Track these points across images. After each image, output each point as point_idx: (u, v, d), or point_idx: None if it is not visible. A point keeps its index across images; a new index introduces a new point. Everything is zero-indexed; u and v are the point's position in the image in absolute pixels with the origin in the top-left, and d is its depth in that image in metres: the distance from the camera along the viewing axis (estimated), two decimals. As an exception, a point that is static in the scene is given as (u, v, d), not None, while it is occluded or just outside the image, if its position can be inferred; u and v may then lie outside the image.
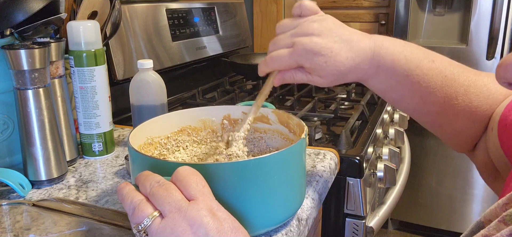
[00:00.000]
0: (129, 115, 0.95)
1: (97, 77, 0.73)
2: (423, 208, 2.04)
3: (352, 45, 0.50)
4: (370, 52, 0.51)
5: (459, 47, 1.73)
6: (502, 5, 1.61)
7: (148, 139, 0.59)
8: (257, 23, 2.05)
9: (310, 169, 0.70)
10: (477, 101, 0.49)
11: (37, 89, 0.62)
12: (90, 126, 0.75)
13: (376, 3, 1.96)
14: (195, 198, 0.39)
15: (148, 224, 0.38)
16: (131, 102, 0.75)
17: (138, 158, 0.48)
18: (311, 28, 0.51)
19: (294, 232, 0.53)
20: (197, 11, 1.37)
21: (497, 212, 0.33)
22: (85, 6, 0.76)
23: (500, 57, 1.68)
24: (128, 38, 1.07)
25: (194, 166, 0.42)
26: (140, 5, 1.13)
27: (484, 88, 0.50)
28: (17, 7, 0.61)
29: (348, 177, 0.80)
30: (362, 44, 0.51)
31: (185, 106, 1.15)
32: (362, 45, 0.51)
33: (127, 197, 0.41)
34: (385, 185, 0.95)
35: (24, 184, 0.62)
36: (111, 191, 0.64)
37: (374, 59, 0.51)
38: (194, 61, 1.33)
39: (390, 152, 1.01)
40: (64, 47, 0.71)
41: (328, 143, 0.89)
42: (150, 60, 0.74)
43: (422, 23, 1.87)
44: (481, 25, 1.67)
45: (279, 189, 0.48)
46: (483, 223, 0.34)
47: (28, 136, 0.63)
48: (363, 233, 0.84)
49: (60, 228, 0.56)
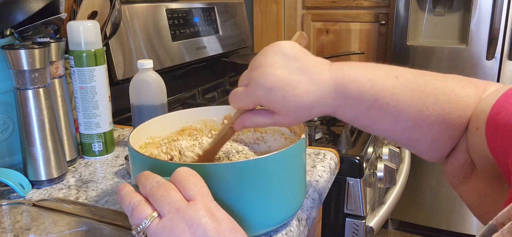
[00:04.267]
0: (129, 115, 0.95)
1: (97, 77, 0.73)
2: (423, 208, 2.04)
3: (311, 76, 0.47)
4: (333, 84, 0.47)
5: (459, 47, 1.73)
6: (502, 5, 1.61)
7: (148, 139, 0.59)
8: (257, 23, 2.05)
9: (310, 169, 0.70)
10: (449, 108, 0.47)
11: (37, 89, 0.62)
12: (90, 126, 0.75)
13: (376, 3, 1.96)
14: (194, 199, 0.39)
15: (147, 225, 0.38)
16: (131, 102, 0.75)
17: (138, 158, 0.48)
18: (265, 60, 0.47)
19: (294, 232, 0.53)
20: (197, 11, 1.37)
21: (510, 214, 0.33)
22: (85, 6, 0.76)
23: (500, 57, 1.68)
24: (128, 38, 1.07)
25: (193, 167, 0.42)
26: (140, 5, 1.13)
27: (452, 93, 0.48)
28: (17, 7, 0.61)
29: (348, 177, 0.81)
30: (322, 76, 0.47)
31: (185, 106, 1.15)
32: (323, 77, 0.47)
33: (126, 198, 0.41)
34: (385, 185, 0.95)
35: (24, 184, 0.62)
36: (111, 191, 0.64)
37: (338, 90, 0.47)
38: (194, 61, 1.33)
39: (390, 152, 1.01)
40: (64, 47, 0.71)
41: (328, 143, 0.89)
42: (150, 60, 0.74)
43: (422, 23, 1.87)
44: (481, 25, 1.67)
45: (279, 189, 0.48)
46: (495, 226, 0.34)
47: (28, 136, 0.63)
48: (363, 233, 0.84)
49: (60, 228, 0.56)
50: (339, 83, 0.47)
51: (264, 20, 2.03)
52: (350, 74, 0.48)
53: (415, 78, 0.48)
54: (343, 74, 0.48)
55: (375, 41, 2.00)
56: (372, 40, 2.01)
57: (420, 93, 0.47)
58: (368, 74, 0.48)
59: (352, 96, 0.48)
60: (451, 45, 1.76)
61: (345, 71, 0.48)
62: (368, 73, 0.48)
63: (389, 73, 0.48)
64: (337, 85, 0.47)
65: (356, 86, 0.47)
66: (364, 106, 0.48)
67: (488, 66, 1.69)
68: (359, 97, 0.47)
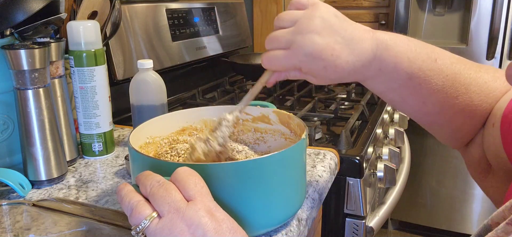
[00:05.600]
0: (129, 115, 0.95)
1: (97, 77, 0.73)
2: (423, 208, 2.04)
3: (353, 45, 0.46)
4: (372, 54, 0.47)
5: (459, 47, 1.73)
6: (502, 5, 1.61)
7: (148, 139, 0.59)
8: (257, 23, 2.05)
9: (310, 169, 0.70)
10: (478, 99, 0.48)
11: (37, 89, 0.62)
12: (90, 126, 0.75)
13: (376, 3, 1.96)
14: (194, 199, 0.39)
15: (146, 225, 0.38)
16: (131, 102, 0.75)
17: (138, 158, 0.48)
18: (311, 25, 0.46)
19: (294, 232, 0.53)
20: (197, 11, 1.37)
21: (505, 214, 0.33)
22: (85, 6, 0.76)
23: (500, 57, 1.68)
24: (128, 38, 1.07)
25: (193, 167, 0.42)
26: (140, 5, 1.13)
27: (485, 86, 0.48)
28: (17, 7, 0.61)
29: (348, 177, 0.80)
30: (364, 44, 0.47)
31: (185, 106, 1.15)
32: (365, 45, 0.47)
33: (125, 198, 0.41)
34: (385, 185, 0.95)
35: (24, 184, 0.62)
36: (111, 191, 0.64)
37: (375, 61, 0.47)
38: (194, 61, 1.33)
39: (390, 152, 1.01)
40: (64, 47, 0.71)
41: (328, 143, 0.89)
42: (150, 60, 0.74)
43: (422, 23, 1.87)
44: (481, 25, 1.67)
45: (279, 189, 0.48)
46: (490, 225, 0.34)
47: (28, 136, 0.63)
48: (363, 233, 0.84)
49: (60, 228, 0.56)
50: (378, 56, 0.47)
51: (264, 20, 2.03)
52: (392, 47, 0.47)
53: (452, 64, 0.48)
54: (385, 45, 0.47)
55: (375, 41, 2.00)
56: (372, 40, 2.01)
57: (453, 80, 0.48)
58: (408, 51, 0.48)
59: (387, 70, 0.48)
60: (451, 45, 1.76)
61: (387, 42, 0.47)
62: (409, 50, 0.48)
63: (429, 54, 0.48)
64: (376, 57, 0.47)
65: (394, 61, 0.47)
66: (397, 82, 0.48)
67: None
68: (394, 72, 0.48)
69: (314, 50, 0.46)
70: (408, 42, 0.48)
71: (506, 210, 0.33)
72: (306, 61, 0.47)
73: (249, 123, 0.64)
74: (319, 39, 0.46)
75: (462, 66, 0.49)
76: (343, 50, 0.46)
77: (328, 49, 0.46)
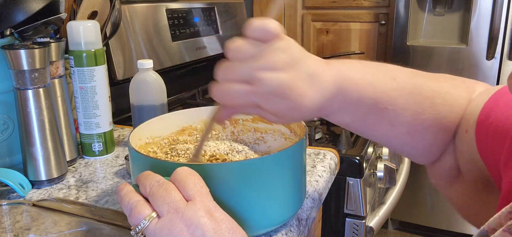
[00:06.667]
0: (129, 115, 0.95)
1: (97, 77, 0.73)
2: (423, 208, 2.04)
3: (316, 81, 0.42)
4: (335, 88, 0.43)
5: (459, 47, 1.73)
6: (502, 5, 1.61)
7: (148, 139, 0.59)
8: (257, 23, 2.05)
9: (310, 169, 0.70)
10: (444, 111, 0.46)
11: (37, 89, 0.62)
12: (90, 126, 0.75)
13: (376, 3, 1.96)
14: (193, 199, 0.39)
15: (146, 225, 0.38)
16: (131, 102, 0.75)
17: (138, 158, 0.48)
18: (276, 60, 0.40)
19: (294, 232, 0.53)
20: (197, 11, 1.37)
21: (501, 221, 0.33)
22: (85, 6, 0.76)
23: (500, 57, 1.68)
24: (128, 38, 1.07)
25: (193, 167, 0.42)
26: (140, 5, 1.13)
27: (448, 95, 0.47)
28: (17, 7, 0.61)
29: (348, 177, 0.81)
30: (325, 77, 0.43)
31: (185, 106, 1.15)
32: (326, 78, 0.43)
33: (125, 198, 0.41)
34: (385, 185, 0.95)
35: (24, 184, 0.62)
36: (111, 191, 0.64)
37: (338, 94, 0.44)
38: (194, 61, 1.33)
39: (390, 152, 1.01)
40: (64, 47, 0.71)
41: (328, 143, 0.89)
42: (150, 60, 0.74)
43: (422, 23, 1.87)
44: (481, 25, 1.67)
45: (279, 189, 0.48)
46: (487, 232, 0.34)
47: (28, 136, 0.63)
48: (363, 233, 0.84)
49: (60, 228, 0.56)
50: (341, 88, 0.44)
51: (264, 20, 2.03)
52: (352, 76, 0.44)
53: (410, 79, 0.47)
54: (344, 75, 0.44)
55: (375, 41, 2.00)
56: (372, 40, 2.01)
57: (416, 96, 0.46)
58: (367, 76, 0.45)
59: (352, 101, 0.45)
60: (451, 45, 1.76)
61: (345, 72, 0.44)
62: (367, 75, 0.45)
63: (386, 74, 0.46)
64: (338, 89, 0.44)
65: (357, 90, 0.44)
66: (363, 110, 0.46)
67: (488, 66, 1.69)
68: (359, 102, 0.45)
69: (279, 88, 0.40)
70: (362, 67, 0.46)
71: (503, 216, 0.33)
72: (268, 100, 0.41)
73: (249, 123, 0.64)
74: (285, 77, 0.40)
75: (421, 79, 0.47)
76: (309, 88, 0.42)
77: (293, 87, 0.41)
